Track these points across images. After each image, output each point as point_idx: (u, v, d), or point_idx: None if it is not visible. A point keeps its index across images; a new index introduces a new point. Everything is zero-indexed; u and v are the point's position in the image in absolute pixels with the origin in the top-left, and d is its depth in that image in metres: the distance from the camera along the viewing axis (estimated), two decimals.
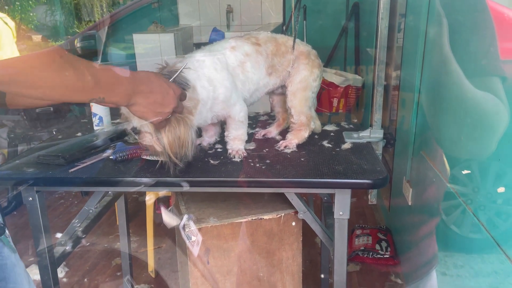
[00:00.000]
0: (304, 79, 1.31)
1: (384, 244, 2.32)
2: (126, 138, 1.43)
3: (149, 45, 2.93)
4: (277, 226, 1.37)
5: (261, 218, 1.35)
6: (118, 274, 2.27)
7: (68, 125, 1.69)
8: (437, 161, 1.60)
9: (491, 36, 1.14)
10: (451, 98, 1.44)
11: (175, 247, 1.67)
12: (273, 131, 1.45)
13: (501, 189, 1.15)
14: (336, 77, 3.45)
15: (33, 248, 1.28)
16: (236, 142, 1.28)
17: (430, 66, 1.72)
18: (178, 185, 1.15)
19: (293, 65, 1.32)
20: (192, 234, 1.31)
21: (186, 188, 1.16)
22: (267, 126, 1.49)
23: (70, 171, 1.19)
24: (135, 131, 1.13)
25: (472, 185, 1.29)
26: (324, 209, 1.65)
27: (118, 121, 1.62)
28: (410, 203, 1.99)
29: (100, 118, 1.54)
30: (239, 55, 1.25)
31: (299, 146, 1.34)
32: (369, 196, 2.75)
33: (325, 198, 1.68)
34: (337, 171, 1.15)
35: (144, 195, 2.80)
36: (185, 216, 1.33)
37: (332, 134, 1.45)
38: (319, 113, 1.49)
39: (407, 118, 2.07)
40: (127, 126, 1.14)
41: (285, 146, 1.32)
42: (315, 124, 1.41)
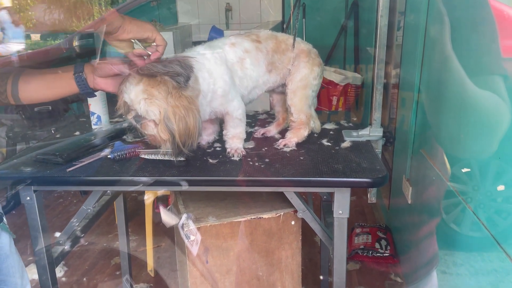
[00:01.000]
0: (305, 78, 1.30)
1: (384, 243, 2.32)
2: (125, 137, 1.42)
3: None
4: (276, 225, 1.37)
5: (260, 217, 1.35)
6: (117, 273, 2.26)
7: (67, 124, 1.68)
8: (437, 160, 1.59)
9: (493, 34, 1.14)
10: (452, 97, 1.43)
11: (174, 246, 1.67)
12: (273, 130, 1.44)
13: (501, 187, 1.15)
14: (336, 75, 3.45)
15: (32, 248, 1.27)
16: (235, 141, 1.28)
17: (430, 64, 1.71)
18: (177, 184, 1.15)
19: (294, 63, 1.31)
20: (191, 233, 1.31)
21: (185, 187, 1.15)
22: (266, 125, 1.49)
23: (68, 171, 1.19)
24: (137, 120, 1.12)
25: (473, 184, 1.29)
26: (324, 208, 1.64)
27: (117, 120, 1.61)
28: (410, 202, 1.98)
29: (98, 117, 1.54)
30: (239, 52, 1.24)
31: (299, 145, 1.33)
32: (369, 195, 2.75)
33: (325, 197, 1.67)
34: (337, 170, 1.15)
35: (143, 194, 2.79)
36: (184, 215, 1.32)
37: (332, 133, 1.44)
38: (318, 112, 1.49)
39: (407, 117, 2.06)
40: (128, 116, 1.13)
41: (284, 145, 1.32)
42: (315, 124, 1.40)
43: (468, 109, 1.29)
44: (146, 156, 1.24)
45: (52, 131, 2.64)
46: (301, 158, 1.24)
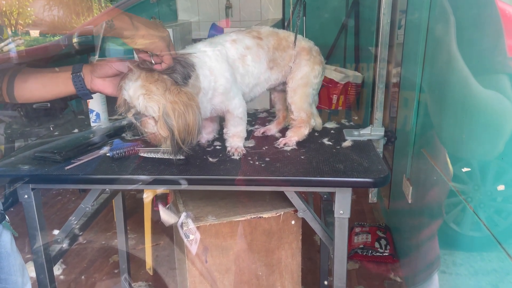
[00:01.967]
0: (305, 76, 1.29)
1: (384, 242, 2.31)
2: (124, 135, 1.41)
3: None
4: (277, 225, 1.36)
5: (260, 217, 1.34)
6: (116, 272, 2.26)
7: (65, 122, 1.67)
8: (439, 159, 1.58)
9: (498, 33, 1.13)
10: (455, 96, 1.42)
11: (173, 245, 1.66)
12: (273, 129, 1.43)
13: (501, 187, 1.14)
14: (336, 74, 3.44)
15: (30, 246, 1.27)
16: (235, 140, 1.27)
17: (433, 63, 1.70)
18: (176, 183, 1.14)
19: (295, 61, 1.30)
20: (190, 233, 1.30)
21: (184, 186, 1.14)
22: (267, 124, 1.47)
23: (66, 168, 1.17)
24: (137, 118, 1.11)
25: (474, 184, 1.28)
26: (324, 208, 1.63)
27: (116, 118, 1.60)
28: (410, 201, 1.98)
29: (97, 115, 1.52)
30: (240, 48, 1.23)
31: (299, 144, 1.32)
32: (370, 195, 2.74)
33: (325, 196, 1.66)
34: (338, 170, 1.14)
35: (142, 192, 2.78)
36: (183, 214, 1.31)
37: (333, 132, 1.43)
38: (318, 110, 1.48)
39: (408, 116, 2.05)
40: (128, 115, 1.12)
41: (285, 144, 1.31)
42: (316, 122, 1.39)
43: (472, 109, 1.28)
44: (145, 154, 1.23)
45: (51, 129, 2.62)
46: (302, 157, 1.23)
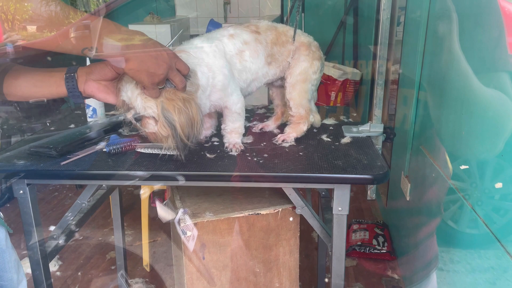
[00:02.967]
0: (304, 71, 1.28)
1: (381, 239, 2.31)
2: (120, 131, 1.40)
3: None
4: (274, 222, 1.35)
5: (258, 213, 1.33)
6: (113, 268, 2.25)
7: (62, 117, 1.66)
8: (438, 157, 1.58)
9: (500, 31, 1.12)
10: (455, 93, 1.41)
11: (170, 241, 1.65)
12: (271, 125, 1.42)
13: (500, 185, 1.14)
14: (334, 71, 3.43)
15: (25, 242, 1.25)
16: (233, 136, 1.26)
17: (433, 60, 1.69)
18: (174, 179, 1.13)
19: (293, 56, 1.29)
20: (188, 229, 1.29)
21: (182, 182, 1.13)
22: (265, 120, 1.47)
23: (62, 164, 1.16)
24: (138, 118, 1.09)
25: (473, 181, 1.28)
26: (322, 204, 1.63)
27: (112, 113, 1.59)
28: (408, 199, 1.97)
29: (94, 110, 1.51)
30: (238, 43, 1.22)
31: (298, 140, 1.31)
32: (369, 192, 2.74)
33: (323, 193, 1.65)
34: (337, 166, 1.13)
35: (139, 189, 2.78)
36: (181, 210, 1.30)
37: (331, 128, 1.42)
38: (316, 107, 1.47)
39: (407, 113, 2.05)
40: (128, 115, 1.10)
41: (283, 140, 1.30)
42: (315, 118, 1.38)
43: (472, 106, 1.28)
44: (142, 150, 1.22)
45: (47, 124, 2.61)
46: (300, 154, 1.22)
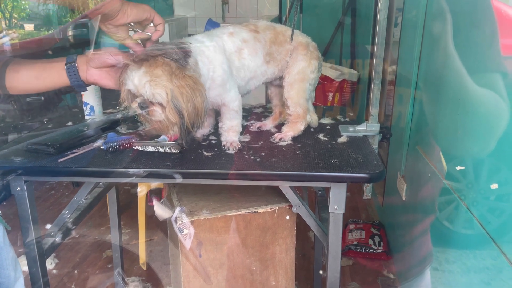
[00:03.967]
0: (302, 70, 1.29)
1: (377, 239, 2.32)
2: (118, 128, 1.40)
3: None
4: (271, 220, 1.36)
5: (255, 212, 1.34)
6: (109, 266, 2.25)
7: (59, 115, 1.66)
8: (433, 156, 1.59)
9: (493, 32, 1.13)
10: (451, 94, 1.43)
11: (167, 240, 1.65)
12: (269, 124, 1.43)
13: (495, 185, 1.14)
14: (332, 71, 3.43)
15: (22, 239, 1.25)
16: (231, 134, 1.26)
17: (429, 61, 1.70)
18: (171, 177, 1.13)
19: (292, 55, 1.30)
20: (184, 227, 1.29)
21: (179, 180, 1.13)
22: (262, 119, 1.47)
23: (60, 161, 1.16)
24: (144, 107, 1.09)
25: (468, 181, 1.28)
26: (318, 203, 1.63)
27: (110, 111, 1.59)
28: (404, 199, 1.98)
29: (92, 108, 1.51)
30: (237, 41, 1.23)
31: (295, 139, 1.32)
32: (365, 191, 2.74)
33: (320, 193, 1.66)
34: (333, 165, 1.14)
35: (136, 187, 2.77)
36: (178, 209, 1.31)
37: (328, 128, 1.43)
38: (314, 107, 1.47)
39: (403, 113, 2.06)
40: (133, 105, 1.10)
41: (280, 139, 1.30)
42: (312, 118, 1.39)
43: (467, 107, 1.29)
44: (140, 148, 1.22)
45: (45, 122, 2.60)
46: (297, 152, 1.22)
